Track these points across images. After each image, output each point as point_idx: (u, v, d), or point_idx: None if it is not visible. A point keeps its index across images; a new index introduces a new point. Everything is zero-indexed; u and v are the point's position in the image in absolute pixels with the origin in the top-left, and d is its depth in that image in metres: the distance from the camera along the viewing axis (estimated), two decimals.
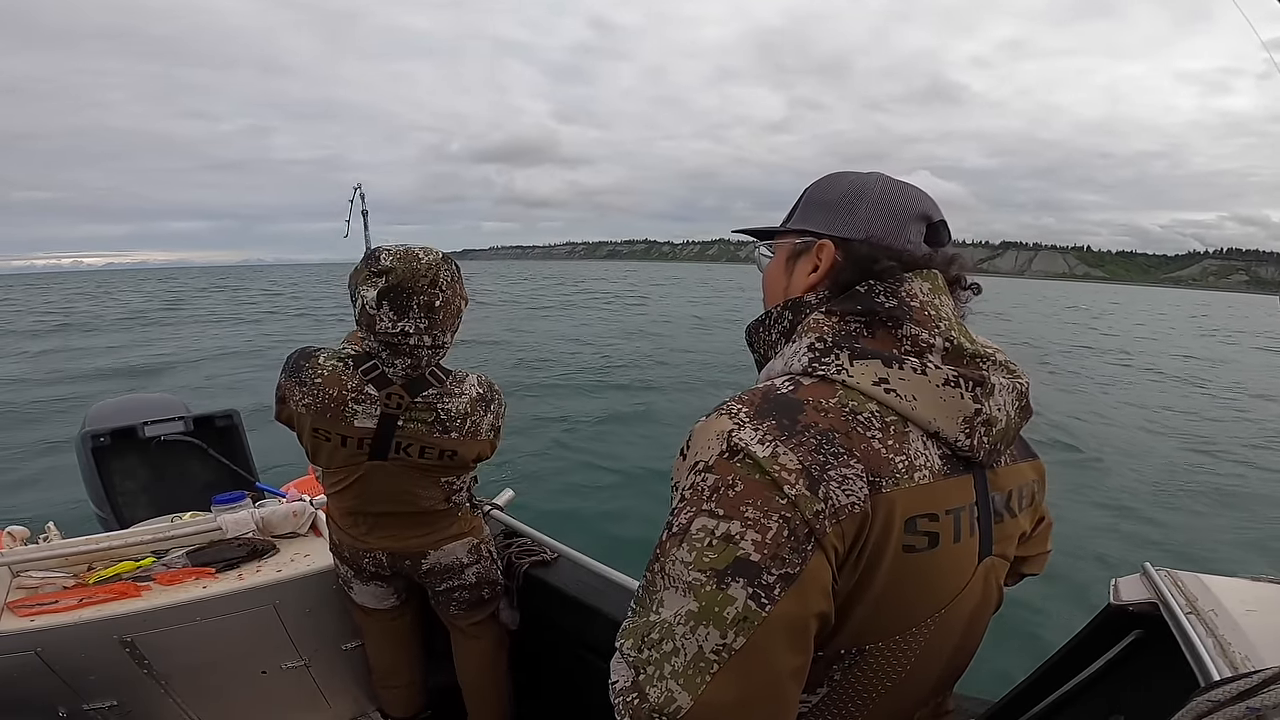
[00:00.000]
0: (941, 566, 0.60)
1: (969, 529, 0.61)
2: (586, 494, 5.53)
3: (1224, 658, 0.79)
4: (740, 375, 11.17)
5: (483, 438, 1.46)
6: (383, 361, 1.34)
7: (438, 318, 1.32)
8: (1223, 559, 4.73)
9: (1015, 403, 0.63)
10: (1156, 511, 5.76)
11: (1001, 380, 0.62)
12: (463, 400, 1.40)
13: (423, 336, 1.32)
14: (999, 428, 0.61)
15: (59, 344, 14.61)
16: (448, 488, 1.53)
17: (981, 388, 0.60)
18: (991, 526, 0.64)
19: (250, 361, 12.34)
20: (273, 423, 1.46)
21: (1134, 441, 8.11)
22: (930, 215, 0.68)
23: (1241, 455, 7.62)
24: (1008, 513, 0.66)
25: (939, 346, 0.60)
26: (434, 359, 1.38)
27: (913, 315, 0.61)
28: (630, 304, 29.79)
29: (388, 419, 1.35)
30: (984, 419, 0.59)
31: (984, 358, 0.62)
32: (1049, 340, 20.56)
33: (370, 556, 1.61)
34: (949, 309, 0.64)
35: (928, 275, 0.64)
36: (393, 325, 1.29)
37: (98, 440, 2.46)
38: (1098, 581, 1.10)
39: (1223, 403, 11.45)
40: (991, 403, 0.60)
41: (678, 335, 17.23)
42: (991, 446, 0.61)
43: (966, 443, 0.59)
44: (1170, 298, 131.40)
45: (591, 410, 8.37)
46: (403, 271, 1.28)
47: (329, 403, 1.33)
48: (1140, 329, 28.91)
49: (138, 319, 21.21)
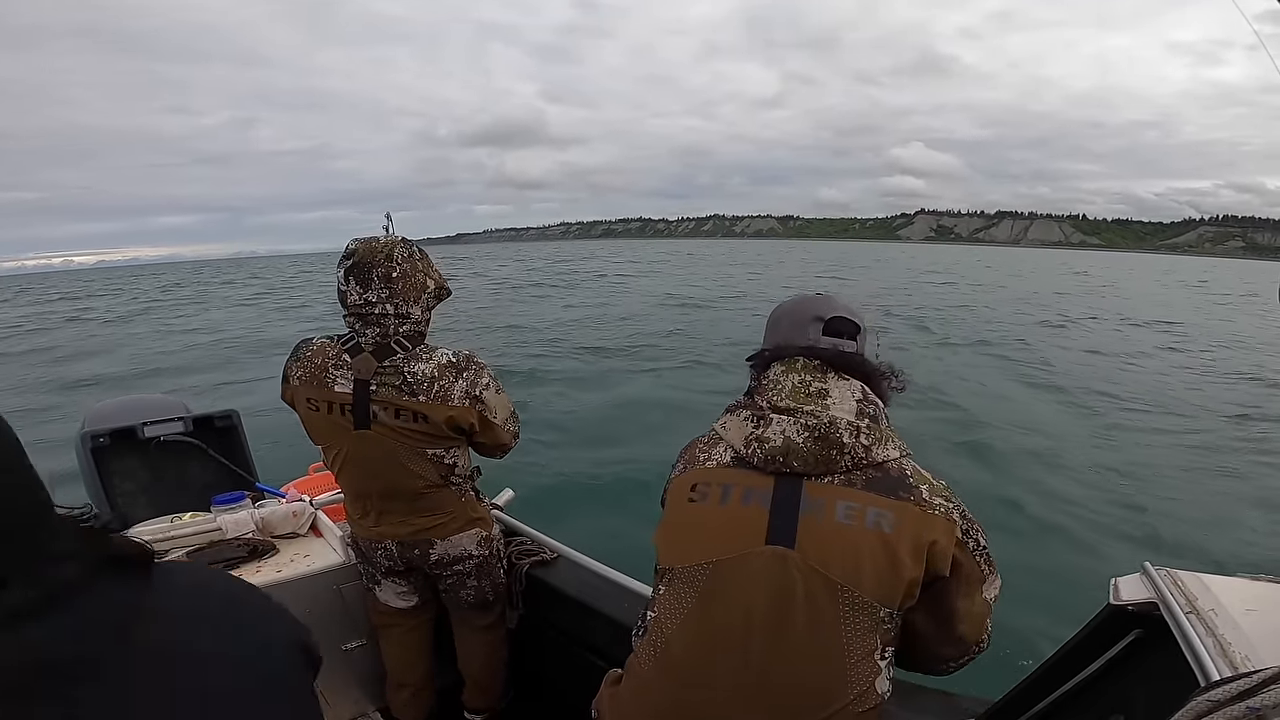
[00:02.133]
0: (709, 516, 0.99)
1: (740, 499, 0.97)
2: (586, 494, 5.53)
3: (1224, 657, 0.79)
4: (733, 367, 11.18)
5: (455, 403, 1.50)
6: (357, 333, 1.51)
7: (397, 287, 1.49)
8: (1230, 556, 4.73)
9: (801, 433, 0.96)
10: (1157, 511, 5.76)
11: (783, 419, 0.97)
12: (430, 365, 1.49)
13: (385, 305, 1.48)
14: (773, 444, 0.97)
15: (58, 341, 14.60)
16: (437, 462, 1.56)
17: (762, 421, 0.99)
18: (796, 521, 0.93)
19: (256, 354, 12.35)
20: (272, 420, 1.47)
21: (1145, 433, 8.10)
22: (822, 315, 1.06)
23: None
24: (819, 515, 0.93)
25: (766, 404, 1.01)
26: (400, 328, 1.51)
27: (759, 388, 1.04)
28: (619, 282, 29.74)
29: (360, 385, 1.49)
30: (757, 438, 0.98)
31: (786, 410, 0.98)
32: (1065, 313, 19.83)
33: (382, 548, 1.63)
34: (790, 380, 1.01)
35: (786, 362, 1.04)
36: (359, 297, 1.48)
37: (97, 440, 2.46)
38: (1097, 581, 1.10)
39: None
40: (769, 430, 0.98)
41: (674, 317, 17.03)
42: (768, 456, 0.96)
43: (747, 452, 0.99)
44: (1166, 264, 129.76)
45: (592, 410, 8.37)
46: (363, 251, 1.49)
47: (315, 371, 1.51)
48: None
49: (139, 316, 21.20)
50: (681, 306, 19.08)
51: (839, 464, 0.94)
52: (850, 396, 0.99)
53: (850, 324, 1.06)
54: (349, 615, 1.86)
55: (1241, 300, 29.11)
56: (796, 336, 1.06)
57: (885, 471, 0.95)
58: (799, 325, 1.07)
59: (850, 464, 0.94)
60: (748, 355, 1.12)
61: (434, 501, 1.60)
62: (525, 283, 29.91)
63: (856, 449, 0.95)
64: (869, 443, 0.96)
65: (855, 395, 0.99)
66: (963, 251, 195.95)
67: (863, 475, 0.95)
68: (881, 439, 0.97)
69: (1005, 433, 7.59)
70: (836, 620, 0.90)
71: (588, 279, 30.80)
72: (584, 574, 1.81)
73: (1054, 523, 5.27)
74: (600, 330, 14.50)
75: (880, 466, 0.96)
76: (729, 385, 4.82)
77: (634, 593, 1.67)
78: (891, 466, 0.96)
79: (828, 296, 1.10)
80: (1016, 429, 7.75)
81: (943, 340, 13.63)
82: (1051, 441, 7.33)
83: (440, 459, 1.57)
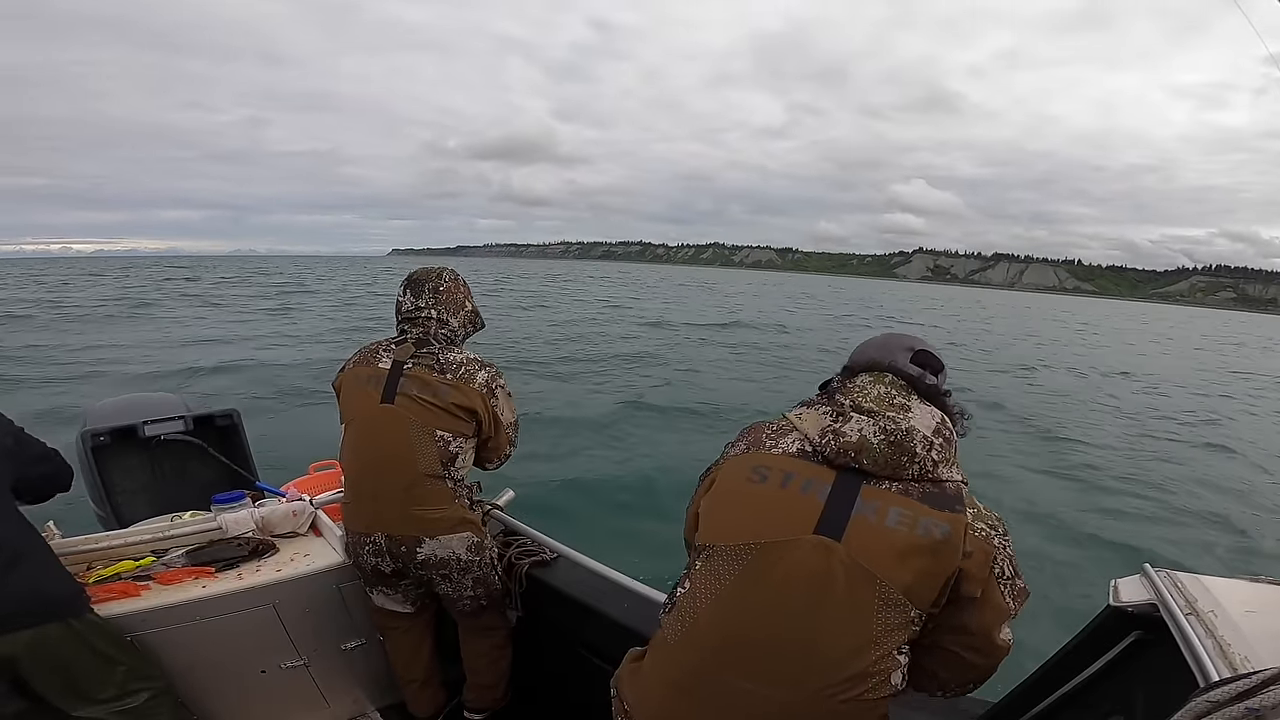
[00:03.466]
0: (764, 497, 1.01)
1: (799, 488, 0.99)
2: (587, 494, 5.53)
3: (1223, 658, 0.79)
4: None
5: (475, 387, 1.70)
6: (404, 332, 1.77)
7: (442, 298, 1.78)
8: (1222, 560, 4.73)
9: (878, 435, 0.98)
10: (1156, 511, 5.76)
11: (863, 418, 1.00)
12: (460, 356, 1.74)
13: (430, 311, 1.76)
14: (847, 439, 0.99)
15: (57, 339, 14.56)
16: (442, 447, 1.65)
17: (842, 416, 1.02)
18: (848, 517, 0.95)
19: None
20: (272, 420, 1.47)
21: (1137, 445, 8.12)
22: (913, 347, 1.10)
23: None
24: (872, 515, 0.95)
25: (849, 403, 1.05)
26: (440, 330, 1.75)
27: (844, 389, 1.09)
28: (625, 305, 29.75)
29: (397, 365, 1.70)
30: (833, 430, 1.01)
31: (868, 411, 1.01)
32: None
33: (371, 542, 1.65)
34: (877, 389, 1.05)
35: (875, 374, 1.08)
36: (411, 304, 1.77)
37: (97, 439, 2.46)
38: (1097, 582, 1.10)
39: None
40: (847, 425, 1.00)
41: (675, 337, 17.24)
42: (840, 449, 0.98)
43: (820, 441, 1.01)
44: (1155, 313, 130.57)
45: (593, 407, 8.37)
46: (421, 272, 1.82)
47: (367, 355, 1.76)
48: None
49: (139, 313, 21.11)
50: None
51: (906, 471, 0.97)
52: (930, 417, 1.02)
53: (935, 360, 1.10)
54: (349, 615, 1.86)
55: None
56: (886, 356, 1.10)
57: (943, 489, 0.98)
58: (889, 350, 1.11)
59: (916, 474, 0.97)
60: (820, 382, 1.17)
61: (427, 493, 1.63)
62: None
63: (926, 461, 0.97)
64: (939, 459, 0.98)
65: (935, 418, 1.02)
66: (958, 292, 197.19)
67: (921, 488, 0.97)
68: (950, 461, 1.00)
69: (1006, 431, 7.60)
70: (871, 612, 0.93)
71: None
72: (583, 574, 1.81)
73: (1054, 522, 5.27)
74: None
75: (939, 484, 0.98)
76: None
77: (634, 593, 1.67)
78: (950, 486, 0.99)
79: (916, 334, 1.16)
80: (1017, 429, 7.75)
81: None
82: (1052, 441, 7.34)
83: (446, 444, 1.65)
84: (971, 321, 35.69)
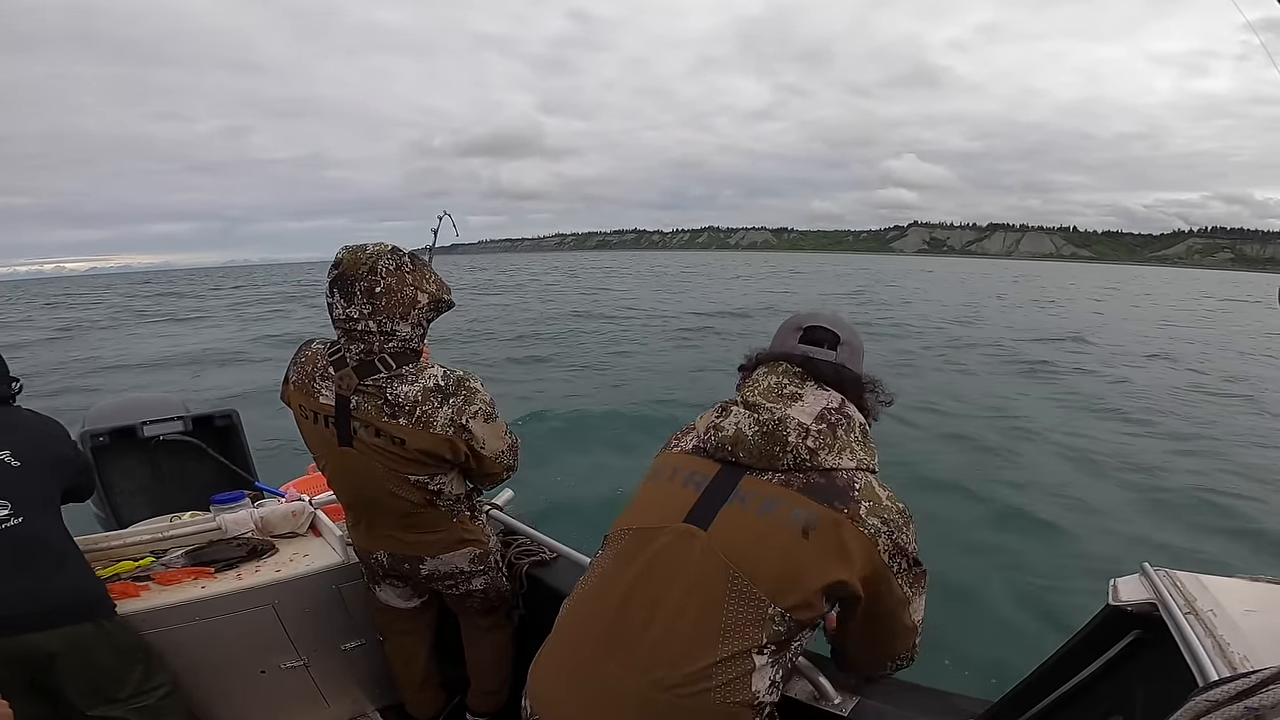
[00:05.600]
0: (653, 492, 1.08)
1: (682, 483, 1.03)
2: (587, 493, 5.53)
3: (1222, 658, 0.79)
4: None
5: (437, 431, 1.38)
6: (343, 346, 1.42)
7: (380, 303, 1.37)
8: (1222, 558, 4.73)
9: (752, 426, 0.99)
10: (1156, 511, 5.76)
11: (742, 412, 1.02)
12: (415, 388, 1.38)
13: (368, 322, 1.37)
14: (725, 434, 1.02)
15: (58, 348, 14.58)
16: (421, 488, 1.46)
17: (725, 412, 1.04)
18: (720, 506, 0.97)
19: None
20: (274, 420, 1.47)
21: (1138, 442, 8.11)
22: (802, 325, 1.11)
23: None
24: (740, 503, 0.97)
25: (739, 399, 1.06)
26: (385, 345, 1.39)
27: (741, 386, 1.11)
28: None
29: (341, 400, 1.41)
30: (714, 425, 1.04)
31: (751, 404, 1.02)
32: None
33: (374, 558, 1.63)
34: (769, 380, 1.06)
35: (770, 365, 1.09)
36: (342, 311, 1.38)
37: (97, 440, 2.46)
38: (1097, 582, 1.10)
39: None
40: (726, 420, 1.03)
41: (669, 329, 17.14)
42: (719, 444, 1.02)
43: (704, 437, 1.05)
44: (1164, 275, 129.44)
45: (592, 407, 8.37)
46: (347, 262, 1.38)
47: (305, 379, 1.46)
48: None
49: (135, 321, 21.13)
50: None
51: (780, 461, 0.97)
52: (819, 403, 1.01)
53: (829, 334, 1.09)
54: (348, 615, 1.86)
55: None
56: (779, 344, 1.13)
57: (830, 479, 0.96)
58: (783, 334, 1.14)
59: (792, 464, 0.96)
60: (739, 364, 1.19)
61: (422, 520, 1.53)
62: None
63: (800, 449, 0.96)
64: (815, 446, 0.96)
65: (828, 404, 1.01)
66: (954, 263, 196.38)
67: (804, 478, 0.96)
68: (834, 447, 0.97)
69: (1005, 433, 7.60)
70: (720, 604, 0.91)
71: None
72: (584, 573, 1.81)
73: (1053, 523, 5.27)
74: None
75: (827, 474, 0.96)
76: None
77: None
78: (840, 476, 0.96)
79: (815, 310, 1.16)
80: (1016, 430, 7.76)
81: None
82: (1051, 440, 7.34)
83: (424, 485, 1.46)
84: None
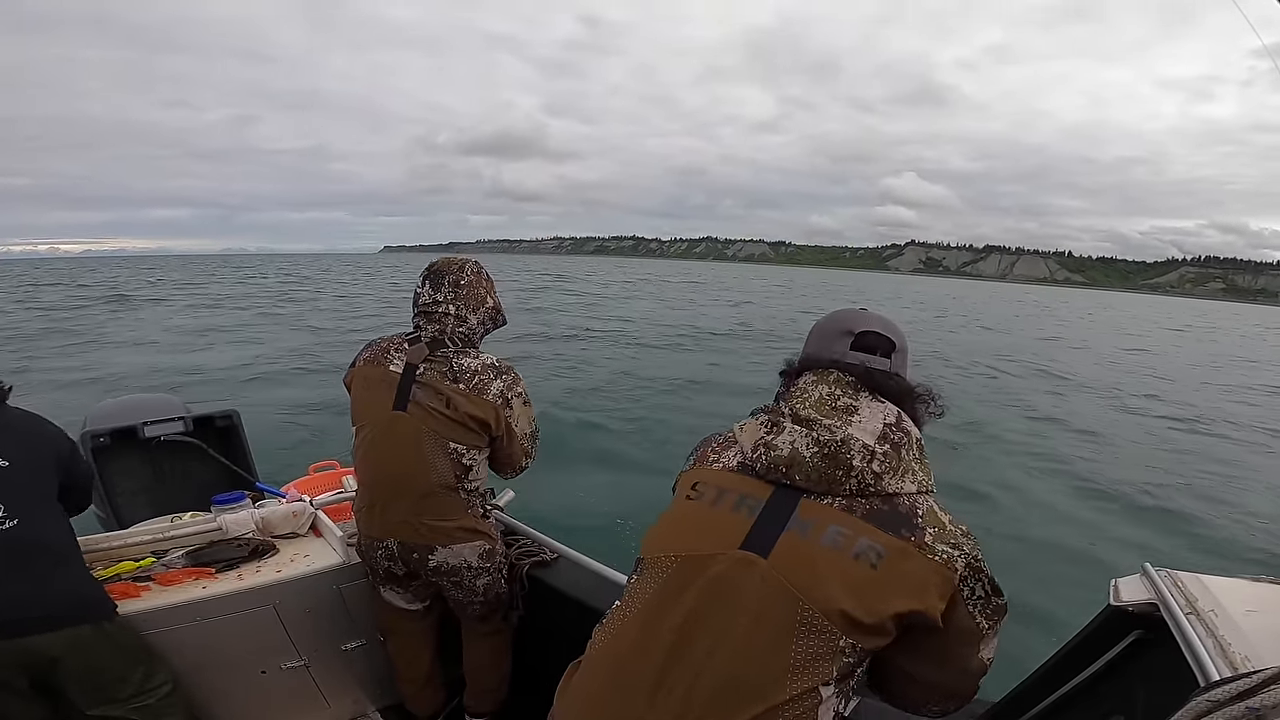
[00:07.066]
0: (697, 513, 0.96)
1: (732, 506, 0.93)
2: (587, 493, 5.53)
3: (1224, 658, 0.79)
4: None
5: (489, 399, 1.62)
6: (419, 329, 1.68)
7: (462, 294, 1.69)
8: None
9: (810, 447, 0.90)
10: (1156, 510, 5.76)
11: (797, 429, 0.92)
12: (476, 362, 1.65)
13: (448, 306, 1.67)
14: (779, 453, 0.92)
15: (57, 342, 14.57)
16: (456, 460, 1.61)
17: (776, 427, 0.94)
18: (779, 533, 0.88)
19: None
20: (272, 420, 1.47)
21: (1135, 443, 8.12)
22: (853, 329, 1.01)
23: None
24: (800, 532, 0.88)
25: (788, 411, 0.95)
26: (457, 328, 1.67)
27: (787, 394, 1.00)
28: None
29: (410, 368, 1.64)
30: (765, 443, 0.94)
31: (805, 420, 0.93)
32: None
33: (383, 548, 1.65)
34: (819, 390, 0.96)
35: (819, 373, 0.99)
36: (429, 297, 1.68)
37: (97, 440, 2.46)
38: (1098, 582, 1.10)
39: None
40: (779, 438, 0.92)
41: (667, 334, 17.22)
42: (771, 464, 0.92)
43: (752, 456, 0.94)
44: (1149, 303, 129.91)
45: (594, 407, 8.37)
46: (442, 263, 1.73)
47: (378, 354, 1.69)
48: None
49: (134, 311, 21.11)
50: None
51: (843, 486, 0.89)
52: (878, 418, 0.93)
53: (884, 340, 1.00)
54: (349, 615, 1.86)
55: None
56: (825, 349, 1.02)
57: (893, 505, 0.89)
58: (829, 338, 1.02)
59: (855, 489, 0.89)
60: (781, 369, 1.08)
61: (440, 505, 1.61)
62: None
63: (865, 474, 0.89)
64: (881, 470, 0.89)
65: (886, 419, 0.93)
66: (950, 284, 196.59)
67: (866, 504, 0.89)
68: (899, 470, 0.90)
69: (1005, 432, 7.60)
70: (789, 637, 0.84)
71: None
72: (584, 574, 1.81)
73: (1053, 523, 5.27)
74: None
75: (889, 499, 0.89)
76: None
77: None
78: (902, 501, 0.89)
79: (863, 311, 1.05)
80: (1016, 430, 7.75)
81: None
82: (1050, 441, 7.33)
83: (459, 457, 1.61)
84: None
